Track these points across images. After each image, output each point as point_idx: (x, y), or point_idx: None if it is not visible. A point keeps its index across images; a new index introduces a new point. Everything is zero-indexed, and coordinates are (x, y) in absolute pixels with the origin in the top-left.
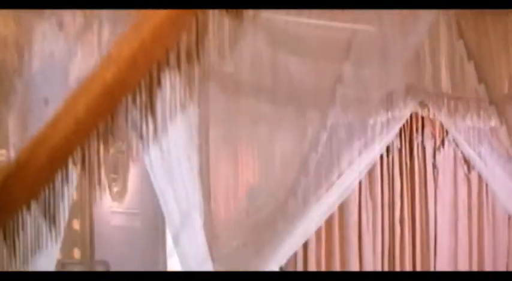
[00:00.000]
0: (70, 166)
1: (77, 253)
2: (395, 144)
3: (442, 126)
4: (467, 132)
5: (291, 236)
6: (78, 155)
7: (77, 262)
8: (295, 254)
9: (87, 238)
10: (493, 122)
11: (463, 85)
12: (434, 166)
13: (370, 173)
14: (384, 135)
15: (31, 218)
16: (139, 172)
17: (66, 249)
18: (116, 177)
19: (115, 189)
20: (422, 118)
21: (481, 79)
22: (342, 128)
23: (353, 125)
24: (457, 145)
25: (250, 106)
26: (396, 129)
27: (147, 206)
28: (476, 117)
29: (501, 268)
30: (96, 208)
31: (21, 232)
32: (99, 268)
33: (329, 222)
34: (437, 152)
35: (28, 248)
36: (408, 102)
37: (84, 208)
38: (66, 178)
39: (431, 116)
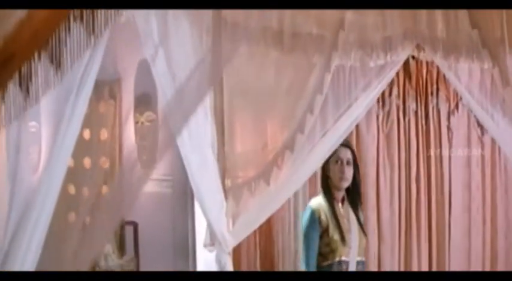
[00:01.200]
0: (71, 19)
1: None
2: (411, 107)
3: (456, 91)
4: (479, 96)
5: (299, 169)
6: (77, 11)
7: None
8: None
9: None
10: (486, 65)
11: (457, 30)
12: (448, 128)
13: (388, 134)
14: (383, 77)
15: (41, 65)
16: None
17: None
18: (146, 144)
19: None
20: (437, 82)
21: (474, 24)
22: (345, 70)
23: (355, 67)
24: (470, 109)
25: (258, 52)
26: (395, 71)
27: (177, 173)
28: (470, 60)
29: None
30: None
31: (33, 77)
32: (128, 229)
33: None
34: (451, 115)
35: (39, 91)
36: (406, 46)
37: (114, 174)
38: (68, 29)
39: (427, 58)
